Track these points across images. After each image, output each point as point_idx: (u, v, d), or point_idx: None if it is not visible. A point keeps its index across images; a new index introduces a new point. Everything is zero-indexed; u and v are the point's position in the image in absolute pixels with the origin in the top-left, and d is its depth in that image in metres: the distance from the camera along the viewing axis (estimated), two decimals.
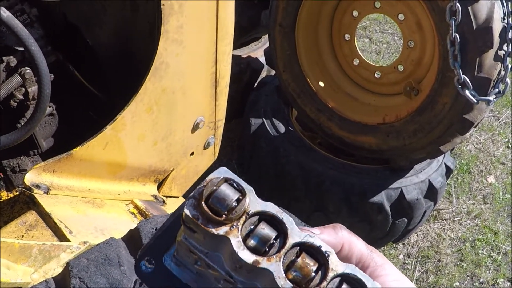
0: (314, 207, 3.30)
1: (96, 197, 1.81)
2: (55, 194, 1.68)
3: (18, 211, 1.68)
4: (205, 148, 2.25)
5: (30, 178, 1.65)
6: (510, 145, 4.75)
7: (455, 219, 4.03)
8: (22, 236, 1.48)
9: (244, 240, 0.70)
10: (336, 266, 0.70)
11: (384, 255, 3.66)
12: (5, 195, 1.86)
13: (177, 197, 2.34)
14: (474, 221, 4.04)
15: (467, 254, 3.78)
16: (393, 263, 3.14)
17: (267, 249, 0.71)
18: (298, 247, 0.71)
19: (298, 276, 0.69)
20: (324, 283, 0.69)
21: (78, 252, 1.39)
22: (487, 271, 3.70)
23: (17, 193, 1.81)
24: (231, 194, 0.71)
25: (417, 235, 3.87)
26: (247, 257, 0.69)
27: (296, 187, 3.29)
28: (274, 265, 0.69)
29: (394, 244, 3.75)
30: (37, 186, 1.64)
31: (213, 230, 0.70)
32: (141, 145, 1.92)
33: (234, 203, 0.71)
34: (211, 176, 0.73)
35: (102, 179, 1.87)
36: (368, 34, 6.04)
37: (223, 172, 0.74)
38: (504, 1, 2.75)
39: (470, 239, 3.90)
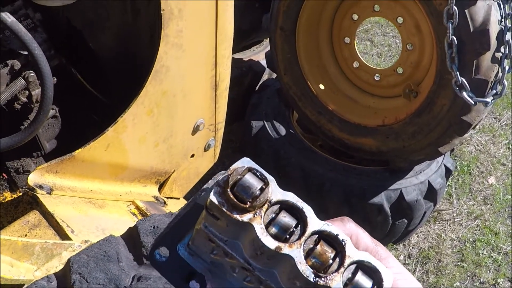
0: (315, 208, 3.33)
1: (98, 197, 1.85)
2: (57, 195, 1.71)
3: (21, 211, 1.72)
4: (205, 150, 2.29)
5: (33, 179, 1.68)
6: (510, 146, 4.77)
7: (456, 220, 4.05)
8: (26, 235, 1.52)
9: (266, 227, 0.74)
10: (352, 253, 0.74)
11: None
12: (9, 196, 1.89)
13: (178, 198, 2.37)
14: (475, 222, 4.06)
15: (468, 255, 3.80)
16: None
17: (288, 237, 0.74)
18: (317, 235, 0.74)
19: (317, 262, 0.72)
20: (342, 269, 0.72)
21: (79, 251, 1.43)
22: (488, 271, 3.72)
23: (21, 193, 1.86)
24: (255, 183, 0.74)
25: (417, 236, 3.89)
26: (270, 243, 0.73)
27: (297, 188, 3.32)
28: (296, 251, 0.72)
29: (394, 245, 3.78)
30: (40, 187, 1.68)
31: (238, 217, 0.73)
32: (142, 147, 1.95)
33: (258, 192, 0.74)
34: (235, 165, 0.76)
35: (104, 180, 1.91)
36: (369, 37, 6.07)
37: (247, 162, 0.77)
38: (501, 4, 2.78)
39: (470, 239, 3.92)
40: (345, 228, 0.85)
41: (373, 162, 3.44)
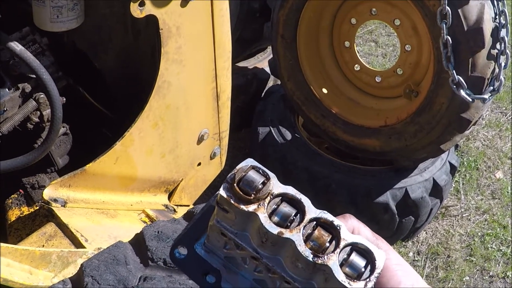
0: (322, 209, 3.40)
1: (109, 208, 1.96)
2: (71, 207, 1.83)
3: (38, 223, 1.84)
4: (211, 158, 2.39)
5: (48, 193, 1.80)
6: None
7: (464, 215, 4.11)
8: (43, 246, 1.63)
9: (269, 216, 0.83)
10: (347, 237, 0.82)
11: None
12: (26, 210, 2.01)
13: (188, 205, 2.47)
14: (483, 216, 4.11)
15: (476, 249, 3.85)
16: None
17: (289, 224, 0.83)
18: (315, 222, 0.83)
19: (315, 245, 0.81)
20: (337, 250, 0.81)
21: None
22: (497, 265, 3.77)
23: (37, 207, 1.97)
24: (258, 178, 0.84)
25: (426, 233, 3.95)
26: (273, 229, 0.82)
27: (304, 191, 3.38)
28: (295, 235, 0.81)
29: (403, 242, 3.84)
30: (55, 200, 1.79)
31: (244, 208, 0.82)
32: (149, 159, 2.06)
33: (260, 185, 0.83)
34: (240, 165, 0.86)
35: (115, 192, 2.02)
36: (374, 38, 6.13)
37: (250, 161, 0.86)
38: (495, 1, 2.84)
39: (479, 234, 3.97)
40: (347, 224, 0.91)
41: (378, 162, 3.51)
